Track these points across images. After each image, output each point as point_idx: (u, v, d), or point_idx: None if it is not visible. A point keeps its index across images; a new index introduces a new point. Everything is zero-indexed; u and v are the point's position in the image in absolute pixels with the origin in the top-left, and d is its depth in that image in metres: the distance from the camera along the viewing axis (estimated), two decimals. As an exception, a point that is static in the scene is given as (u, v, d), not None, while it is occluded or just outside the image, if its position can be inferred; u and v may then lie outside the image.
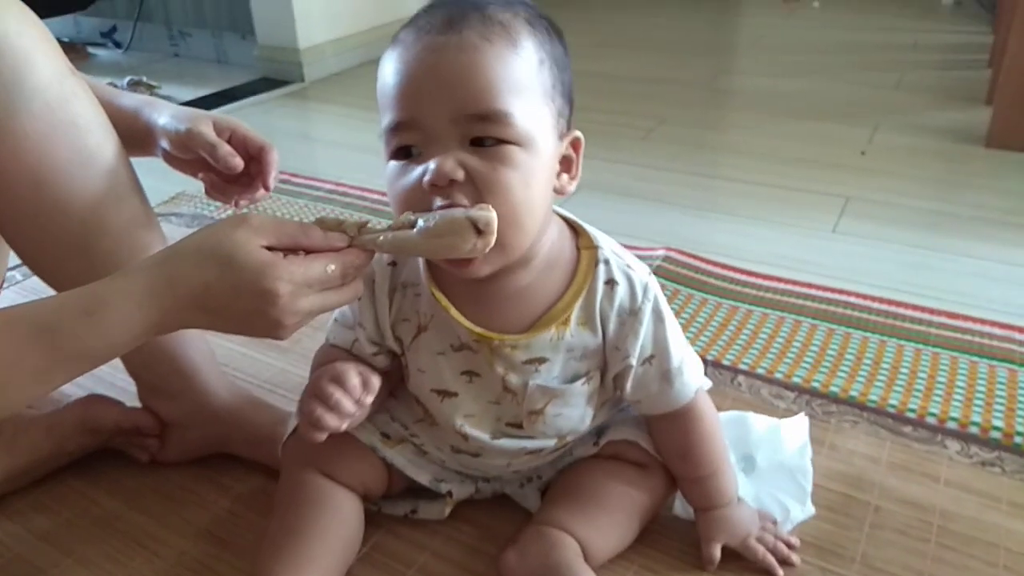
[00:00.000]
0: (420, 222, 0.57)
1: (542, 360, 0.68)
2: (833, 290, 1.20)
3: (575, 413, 0.71)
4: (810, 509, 0.79)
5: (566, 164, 0.64)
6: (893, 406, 0.95)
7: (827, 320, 1.13)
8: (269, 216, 0.57)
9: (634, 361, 0.68)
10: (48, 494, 0.85)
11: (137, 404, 0.88)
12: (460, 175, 0.57)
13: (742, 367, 1.04)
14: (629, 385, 0.70)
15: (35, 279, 0.83)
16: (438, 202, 0.58)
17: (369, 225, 0.60)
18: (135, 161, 0.80)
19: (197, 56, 2.76)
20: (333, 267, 0.58)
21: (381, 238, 0.59)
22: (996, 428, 0.91)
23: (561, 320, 0.66)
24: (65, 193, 0.72)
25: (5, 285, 1.00)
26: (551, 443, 0.73)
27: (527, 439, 0.72)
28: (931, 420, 0.93)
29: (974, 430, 0.91)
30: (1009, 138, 1.69)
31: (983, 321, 1.11)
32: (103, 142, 0.74)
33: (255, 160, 0.79)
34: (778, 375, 1.02)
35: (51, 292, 0.78)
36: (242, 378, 0.92)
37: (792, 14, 3.11)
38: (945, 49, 2.52)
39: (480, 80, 0.57)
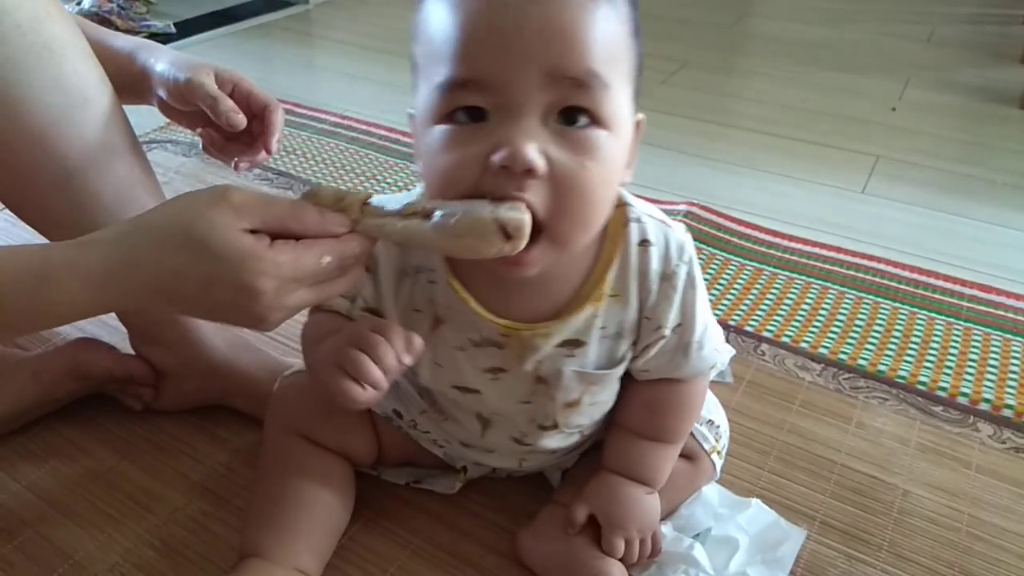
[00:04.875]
0: (437, 213, 0.48)
1: (577, 344, 0.60)
2: (862, 255, 1.15)
3: (607, 398, 0.66)
4: None
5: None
6: (923, 383, 0.91)
7: (855, 288, 1.08)
8: (254, 192, 0.49)
9: (667, 332, 0.61)
10: (34, 441, 0.80)
11: (130, 349, 0.83)
12: (542, 167, 0.47)
13: (766, 335, 0.99)
14: (652, 355, 0.62)
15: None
16: (501, 188, 0.47)
17: (372, 202, 0.51)
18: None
19: (196, -29, 2.63)
20: (329, 258, 0.49)
21: (389, 226, 0.50)
22: (1031, 412, 0.87)
23: (595, 296, 0.58)
24: (40, 124, 0.65)
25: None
26: (573, 440, 0.68)
27: (550, 435, 0.66)
28: (963, 400, 0.89)
29: (1008, 413, 0.87)
30: (1046, 101, 1.62)
31: (1018, 296, 1.07)
32: (82, 70, 0.68)
33: (258, 118, 0.74)
34: (803, 345, 0.97)
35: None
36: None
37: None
38: (979, 2, 2.41)
39: (584, 35, 0.46)
